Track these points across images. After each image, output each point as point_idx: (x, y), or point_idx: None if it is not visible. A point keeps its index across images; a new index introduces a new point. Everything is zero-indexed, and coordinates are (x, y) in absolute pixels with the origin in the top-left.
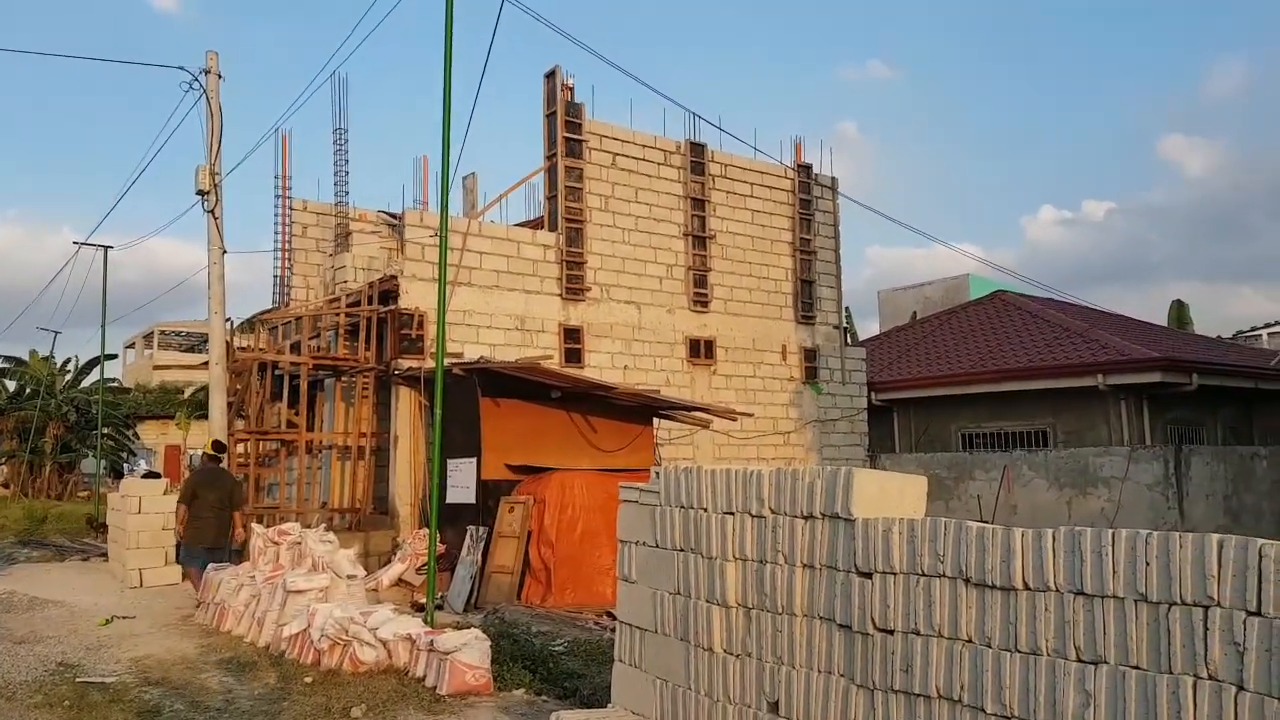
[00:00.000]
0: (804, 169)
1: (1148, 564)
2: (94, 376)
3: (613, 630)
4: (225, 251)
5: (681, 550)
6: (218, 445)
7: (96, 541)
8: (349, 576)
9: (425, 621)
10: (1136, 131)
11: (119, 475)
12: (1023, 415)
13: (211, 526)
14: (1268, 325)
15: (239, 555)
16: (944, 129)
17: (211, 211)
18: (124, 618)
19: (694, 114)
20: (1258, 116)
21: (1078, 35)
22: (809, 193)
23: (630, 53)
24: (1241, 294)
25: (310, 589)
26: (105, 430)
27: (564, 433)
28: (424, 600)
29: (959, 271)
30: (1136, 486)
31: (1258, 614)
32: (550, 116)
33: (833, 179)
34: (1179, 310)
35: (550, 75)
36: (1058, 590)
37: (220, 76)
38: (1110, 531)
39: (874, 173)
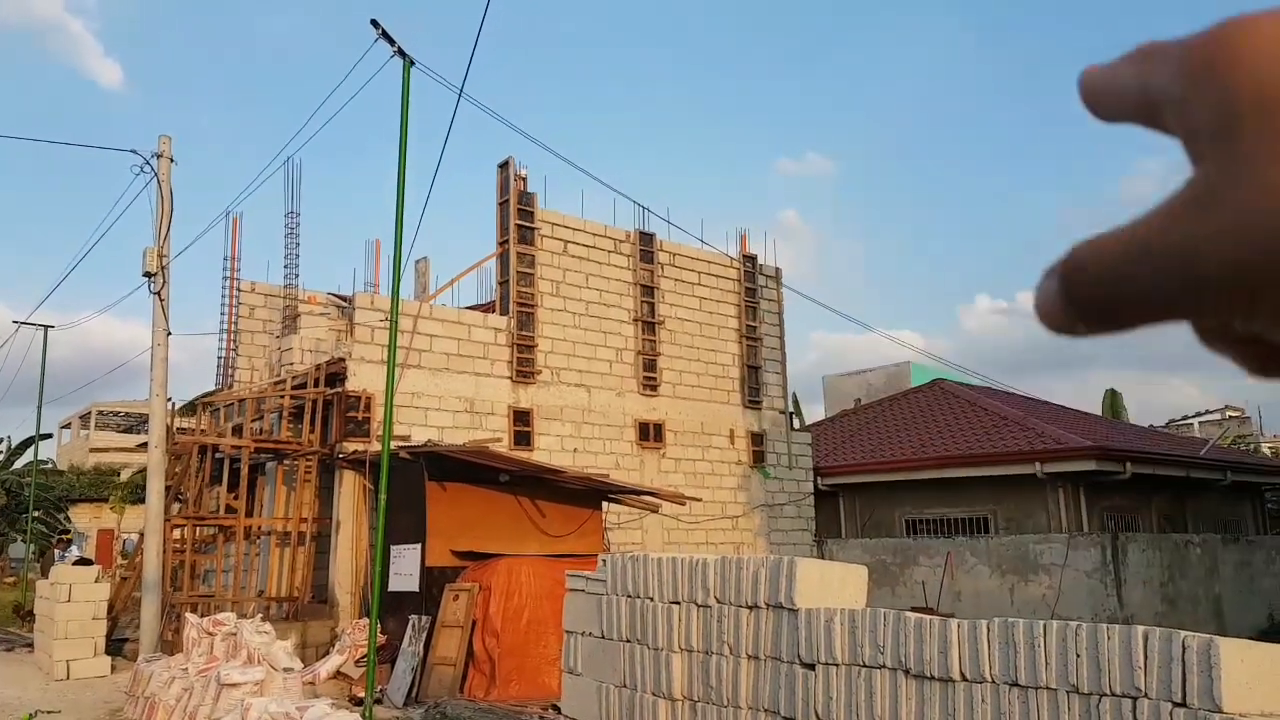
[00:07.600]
0: (749, 259)
1: (1078, 655)
2: (27, 457)
3: None
4: (170, 334)
5: (628, 641)
6: None
7: (22, 631)
8: (285, 669)
9: (364, 717)
10: (1069, 223)
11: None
12: (965, 502)
13: None
14: (1198, 414)
15: None
16: (881, 219)
17: (158, 293)
18: (48, 713)
19: (643, 207)
20: None
21: (1010, 129)
22: (754, 281)
23: (581, 145)
24: (1172, 384)
25: (245, 682)
26: (36, 514)
27: (512, 517)
28: (363, 694)
29: (900, 357)
30: (1076, 574)
31: (1183, 705)
32: (503, 205)
33: (776, 269)
34: (1113, 399)
35: (504, 166)
36: (993, 682)
37: (172, 160)
38: (1042, 623)
39: (816, 258)
